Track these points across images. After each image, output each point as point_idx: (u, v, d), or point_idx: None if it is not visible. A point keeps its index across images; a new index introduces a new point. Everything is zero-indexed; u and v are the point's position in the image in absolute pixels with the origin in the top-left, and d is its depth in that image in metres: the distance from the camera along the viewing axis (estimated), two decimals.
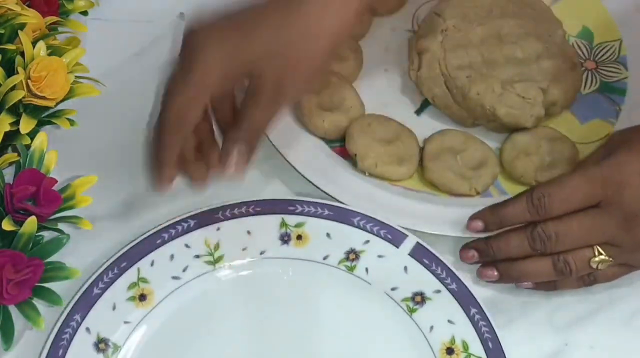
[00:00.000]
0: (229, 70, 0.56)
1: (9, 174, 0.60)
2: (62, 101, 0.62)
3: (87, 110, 0.65)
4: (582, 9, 0.77)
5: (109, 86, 0.66)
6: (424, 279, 0.60)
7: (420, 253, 0.61)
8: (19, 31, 0.62)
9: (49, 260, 0.57)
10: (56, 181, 0.59)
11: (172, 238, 0.61)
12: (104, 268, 0.60)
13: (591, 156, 0.60)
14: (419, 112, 0.72)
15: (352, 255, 0.62)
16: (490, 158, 0.67)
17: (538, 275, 0.59)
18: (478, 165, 0.67)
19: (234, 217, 0.62)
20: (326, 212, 0.63)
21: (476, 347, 0.58)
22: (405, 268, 0.61)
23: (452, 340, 0.59)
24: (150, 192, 0.65)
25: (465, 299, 0.59)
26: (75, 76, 0.63)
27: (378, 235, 0.62)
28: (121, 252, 0.60)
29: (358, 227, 0.62)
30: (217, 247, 0.62)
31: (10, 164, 0.61)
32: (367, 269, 0.62)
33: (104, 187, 0.63)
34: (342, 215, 0.63)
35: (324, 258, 0.62)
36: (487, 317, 0.59)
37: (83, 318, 0.58)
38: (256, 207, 0.63)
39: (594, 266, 0.57)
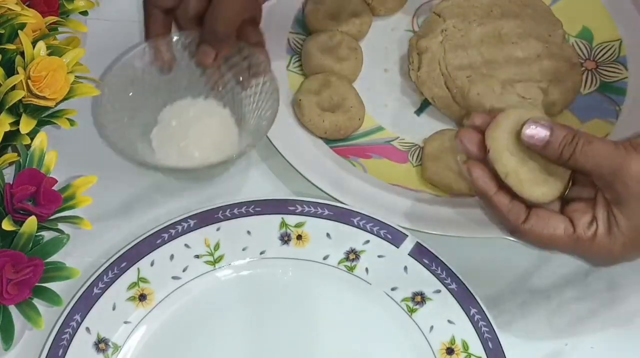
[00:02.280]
0: None
1: (9, 174, 0.60)
2: (62, 101, 0.62)
3: (87, 110, 0.65)
4: (582, 9, 0.77)
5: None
6: (424, 279, 0.60)
7: (420, 253, 0.61)
8: (19, 31, 0.62)
9: (49, 260, 0.57)
10: (56, 181, 0.59)
11: (172, 238, 0.61)
12: (104, 268, 0.60)
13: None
14: (419, 112, 0.72)
15: (352, 255, 0.62)
16: None
17: None
18: None
19: (234, 217, 0.62)
20: (326, 212, 0.63)
21: (476, 347, 0.58)
22: (405, 268, 0.61)
23: (452, 340, 0.59)
24: (150, 192, 0.66)
25: (465, 299, 0.59)
26: (75, 76, 0.63)
27: (378, 235, 0.62)
28: (121, 252, 0.60)
29: (358, 227, 0.62)
30: (217, 247, 0.62)
31: (10, 164, 0.61)
32: (367, 269, 0.62)
33: (104, 187, 0.63)
34: (342, 215, 0.63)
35: (324, 258, 0.62)
36: (487, 317, 0.59)
37: (83, 318, 0.58)
38: (256, 207, 0.63)
39: None
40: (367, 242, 0.62)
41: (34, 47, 0.62)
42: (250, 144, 0.62)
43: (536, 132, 0.52)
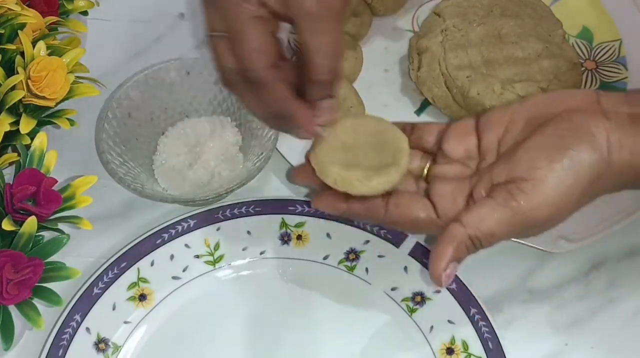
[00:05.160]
0: None
1: (9, 174, 0.60)
2: (62, 101, 0.62)
3: (87, 110, 0.66)
4: (582, 9, 0.77)
5: (109, 86, 0.66)
6: (424, 279, 0.60)
7: (420, 253, 0.61)
8: (19, 31, 0.62)
9: (49, 260, 0.57)
10: (56, 181, 0.59)
11: (172, 238, 0.61)
12: (104, 268, 0.60)
13: None
14: (419, 112, 0.72)
15: (352, 255, 0.62)
16: None
17: None
18: None
19: (234, 217, 0.62)
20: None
21: (476, 347, 0.58)
22: (405, 268, 0.61)
23: (452, 340, 0.59)
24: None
25: (465, 299, 0.59)
26: (75, 76, 0.63)
27: (378, 235, 0.62)
28: (121, 252, 0.60)
29: (358, 227, 0.62)
30: (217, 247, 0.62)
31: (10, 163, 0.61)
32: (367, 269, 0.62)
33: (104, 187, 0.63)
34: None
35: (324, 258, 0.62)
36: (487, 317, 0.58)
37: (83, 318, 0.58)
38: (256, 207, 0.63)
39: None
40: (367, 242, 0.62)
41: (34, 47, 0.62)
42: (256, 167, 0.62)
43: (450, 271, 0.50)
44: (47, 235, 0.58)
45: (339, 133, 0.54)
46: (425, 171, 0.55)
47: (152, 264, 0.61)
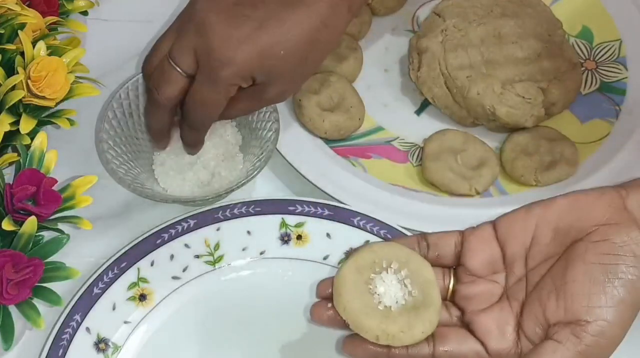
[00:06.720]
0: (251, 71, 0.55)
1: (9, 174, 0.60)
2: (62, 101, 0.62)
3: (87, 110, 0.65)
4: (582, 9, 0.77)
5: (109, 86, 0.66)
6: None
7: None
8: (19, 31, 0.62)
9: (49, 260, 0.57)
10: (56, 181, 0.59)
11: (172, 238, 0.61)
12: (104, 268, 0.60)
13: None
14: (419, 112, 0.72)
15: None
16: (490, 158, 0.67)
17: None
18: (478, 165, 0.67)
19: (234, 217, 0.62)
20: (326, 212, 0.63)
21: None
22: None
23: None
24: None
25: None
26: (75, 76, 0.63)
27: (378, 235, 0.62)
28: (121, 252, 0.60)
29: (358, 227, 0.62)
30: (217, 247, 0.62)
31: (10, 163, 0.61)
32: None
33: (104, 187, 0.63)
34: (342, 215, 0.62)
35: (324, 258, 0.62)
36: None
37: (83, 318, 0.58)
38: (256, 207, 0.63)
39: None
40: (367, 242, 0.62)
41: (34, 47, 0.62)
42: (256, 167, 0.62)
43: None
44: (47, 235, 0.58)
45: (360, 271, 0.53)
46: (450, 290, 0.55)
47: (152, 264, 0.61)
